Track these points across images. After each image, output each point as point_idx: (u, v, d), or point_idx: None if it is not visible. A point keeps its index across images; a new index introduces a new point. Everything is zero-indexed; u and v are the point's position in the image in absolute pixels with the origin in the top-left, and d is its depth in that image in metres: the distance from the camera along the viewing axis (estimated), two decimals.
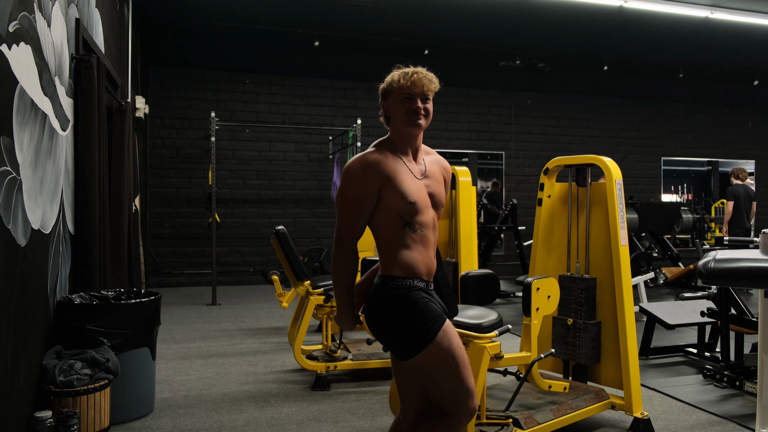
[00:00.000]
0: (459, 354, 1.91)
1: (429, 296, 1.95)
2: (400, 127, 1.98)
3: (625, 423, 3.18)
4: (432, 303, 1.93)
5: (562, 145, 10.18)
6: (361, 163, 1.92)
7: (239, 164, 8.69)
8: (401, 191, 1.91)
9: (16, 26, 2.51)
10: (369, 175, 1.90)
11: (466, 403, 1.92)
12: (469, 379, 1.93)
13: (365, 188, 1.91)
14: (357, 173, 1.91)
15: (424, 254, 1.95)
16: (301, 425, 3.20)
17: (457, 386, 1.91)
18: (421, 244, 1.94)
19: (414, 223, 1.93)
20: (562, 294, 3.23)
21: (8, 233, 2.41)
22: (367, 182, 1.90)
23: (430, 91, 1.97)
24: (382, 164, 1.91)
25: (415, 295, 1.91)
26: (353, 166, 1.93)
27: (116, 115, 4.45)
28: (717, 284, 3.10)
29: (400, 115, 1.97)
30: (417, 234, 1.94)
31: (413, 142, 2.00)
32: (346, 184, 1.93)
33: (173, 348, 4.90)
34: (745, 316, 4.00)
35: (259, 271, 8.51)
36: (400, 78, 1.96)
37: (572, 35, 8.26)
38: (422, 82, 1.95)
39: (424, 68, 2.00)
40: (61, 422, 2.69)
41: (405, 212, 1.91)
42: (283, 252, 4.20)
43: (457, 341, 1.92)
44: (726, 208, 7.92)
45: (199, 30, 8.05)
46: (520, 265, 8.65)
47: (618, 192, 3.09)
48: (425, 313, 1.88)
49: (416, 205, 1.92)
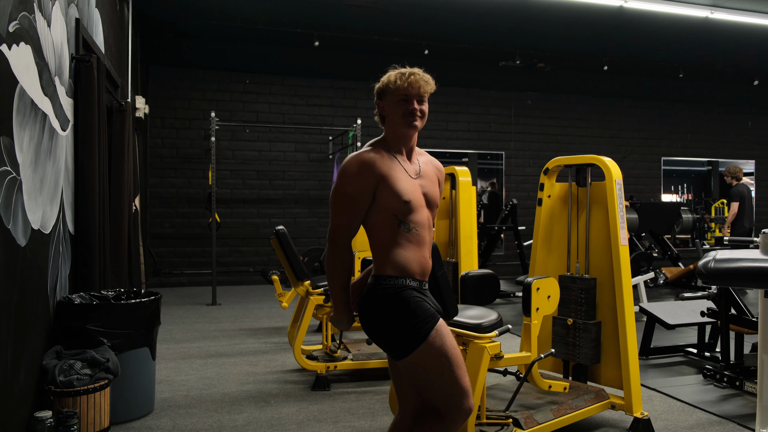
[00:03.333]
0: (453, 353, 1.90)
1: (422, 295, 1.94)
2: (395, 127, 1.99)
3: (625, 423, 3.18)
4: (425, 302, 1.92)
5: (562, 145, 10.18)
6: (356, 161, 1.93)
7: (239, 164, 8.69)
8: (396, 190, 1.91)
9: (16, 26, 2.51)
10: (365, 173, 1.90)
11: (461, 402, 1.91)
12: (464, 378, 1.91)
13: (361, 186, 1.91)
14: (353, 171, 1.92)
15: (417, 254, 1.95)
16: (301, 425, 3.20)
17: (452, 386, 1.89)
18: (415, 244, 1.94)
19: (408, 222, 1.93)
20: (562, 294, 3.23)
21: (8, 233, 2.41)
22: (363, 181, 1.91)
23: (426, 93, 1.98)
24: (377, 163, 1.92)
25: (408, 294, 1.90)
26: (349, 165, 1.93)
27: (116, 115, 4.45)
28: (717, 284, 3.10)
29: (396, 115, 1.97)
30: (411, 233, 1.94)
31: (408, 142, 2.01)
32: (341, 182, 1.93)
33: (173, 348, 4.90)
34: (745, 316, 4.00)
35: (259, 271, 8.51)
36: (396, 79, 1.96)
37: (572, 35, 8.26)
38: (419, 83, 1.95)
39: (420, 69, 2.00)
40: (61, 422, 2.69)
41: (400, 211, 1.92)
42: (283, 252, 4.20)
43: (450, 341, 1.91)
44: (731, 209, 7.91)
45: (199, 30, 8.05)
46: (520, 265, 8.65)
47: (618, 192, 3.09)
48: (417, 312, 1.88)
49: (411, 203, 1.93)
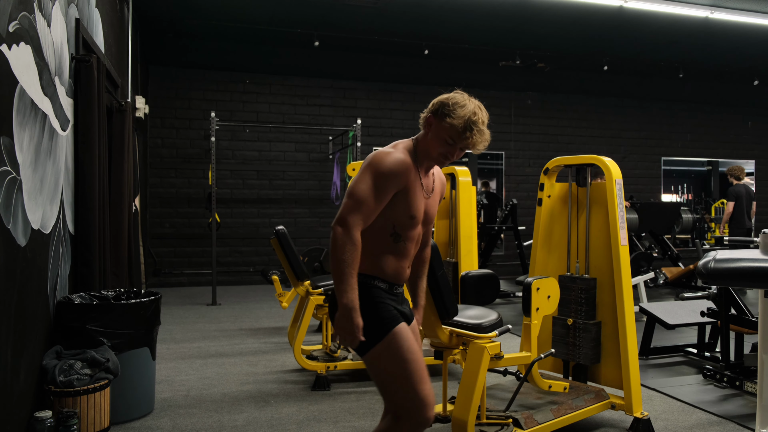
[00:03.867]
0: (414, 361, 1.86)
1: (391, 297, 1.93)
2: (430, 150, 1.94)
3: (625, 423, 3.18)
4: (388, 303, 1.91)
5: (562, 145, 10.18)
6: (395, 159, 1.87)
7: (239, 164, 8.69)
8: (409, 204, 1.90)
9: (16, 26, 2.51)
10: (400, 173, 1.87)
11: (419, 413, 1.86)
12: (424, 389, 1.86)
13: (392, 184, 1.86)
14: (389, 166, 1.85)
15: (396, 263, 1.94)
16: (301, 425, 3.20)
17: (410, 394, 1.85)
18: (397, 255, 1.94)
19: (401, 234, 1.92)
20: (562, 294, 3.23)
21: (8, 233, 2.41)
22: (396, 179, 1.86)
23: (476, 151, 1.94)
24: (408, 170, 1.89)
25: (374, 292, 1.90)
26: (386, 159, 1.86)
27: (116, 115, 4.45)
28: (717, 284, 3.10)
29: (435, 146, 1.92)
30: (398, 245, 1.93)
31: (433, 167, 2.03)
32: (374, 171, 1.84)
33: (173, 348, 4.90)
34: (745, 316, 4.00)
35: (259, 271, 8.51)
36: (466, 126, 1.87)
37: (572, 35, 8.26)
38: (477, 147, 1.90)
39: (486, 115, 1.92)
40: (61, 422, 2.69)
41: (400, 223, 1.91)
42: (283, 252, 4.20)
43: (412, 347, 1.88)
44: (726, 208, 7.93)
45: (199, 30, 8.05)
46: (520, 265, 8.65)
47: (618, 192, 3.09)
48: (379, 310, 1.87)
49: (413, 220, 1.93)
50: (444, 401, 2.96)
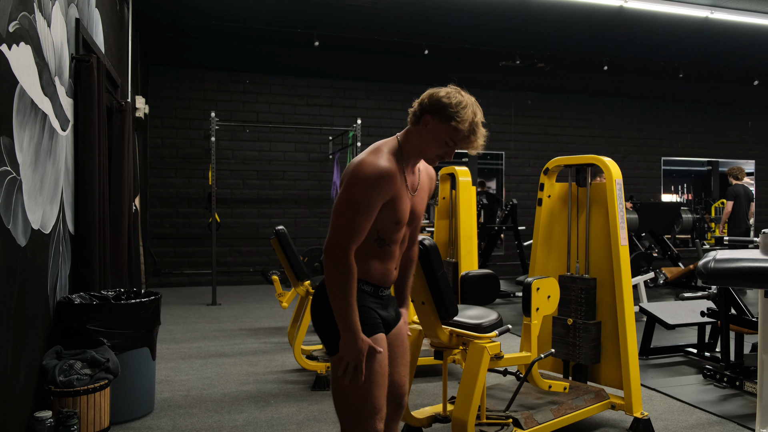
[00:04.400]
0: (377, 371, 1.81)
1: (375, 300, 1.89)
2: (426, 150, 1.85)
3: (625, 423, 3.18)
4: (371, 309, 1.86)
5: (562, 145, 10.18)
6: (376, 171, 1.75)
7: (239, 164, 8.69)
8: (395, 211, 1.83)
9: (16, 26, 2.51)
10: (386, 185, 1.77)
11: (366, 421, 1.80)
12: (378, 399, 1.81)
13: (380, 197, 1.77)
14: (371, 180, 1.74)
15: (382, 266, 1.89)
16: (301, 425, 3.20)
17: (360, 399, 1.80)
18: (382, 258, 1.88)
19: (385, 239, 1.86)
20: (562, 294, 3.23)
21: (8, 233, 2.41)
22: (384, 192, 1.77)
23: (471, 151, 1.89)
24: (394, 180, 1.79)
25: (358, 295, 1.82)
26: (366, 173, 1.75)
27: (116, 115, 4.45)
28: (717, 284, 3.10)
29: (431, 145, 1.83)
30: (383, 249, 1.87)
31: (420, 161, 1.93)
32: (358, 189, 1.75)
33: (173, 348, 4.90)
34: (745, 316, 4.00)
35: (259, 271, 8.51)
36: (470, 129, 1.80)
37: (572, 35, 8.27)
38: (476, 149, 1.85)
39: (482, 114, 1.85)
40: (61, 422, 2.69)
41: (384, 229, 1.84)
42: (283, 252, 4.20)
43: (383, 362, 1.83)
44: (725, 208, 7.94)
45: (199, 30, 8.05)
46: (520, 265, 8.65)
47: (618, 192, 3.09)
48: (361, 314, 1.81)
49: (398, 225, 1.86)
50: (444, 401, 2.96)
